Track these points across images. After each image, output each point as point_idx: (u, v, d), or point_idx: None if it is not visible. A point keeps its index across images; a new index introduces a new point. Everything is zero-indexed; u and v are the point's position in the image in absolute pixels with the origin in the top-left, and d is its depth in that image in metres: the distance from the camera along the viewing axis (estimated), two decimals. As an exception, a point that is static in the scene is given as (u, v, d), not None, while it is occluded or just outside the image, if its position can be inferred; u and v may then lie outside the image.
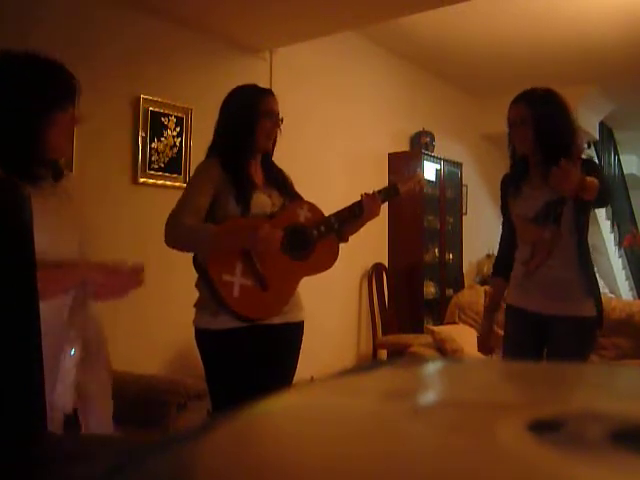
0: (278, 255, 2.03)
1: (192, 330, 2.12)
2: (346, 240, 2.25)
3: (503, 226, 2.37)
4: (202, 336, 2.08)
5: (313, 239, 2.11)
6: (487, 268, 5.77)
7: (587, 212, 2.14)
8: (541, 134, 2.11)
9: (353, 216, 2.19)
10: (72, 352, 1.40)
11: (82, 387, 1.43)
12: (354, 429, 0.28)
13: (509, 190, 2.27)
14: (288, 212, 2.12)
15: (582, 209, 2.09)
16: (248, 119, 2.07)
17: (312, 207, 2.16)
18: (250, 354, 2.05)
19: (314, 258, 2.12)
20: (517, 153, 2.24)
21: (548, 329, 2.14)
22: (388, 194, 2.29)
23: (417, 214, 5.18)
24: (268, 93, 2.16)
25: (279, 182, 2.18)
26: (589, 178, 1.91)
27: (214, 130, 2.17)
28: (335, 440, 0.27)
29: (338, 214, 2.17)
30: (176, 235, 1.96)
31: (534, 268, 2.13)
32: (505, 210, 2.30)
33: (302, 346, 2.21)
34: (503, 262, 2.32)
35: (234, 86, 2.22)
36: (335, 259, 2.17)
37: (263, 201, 2.09)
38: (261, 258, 1.99)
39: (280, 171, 2.23)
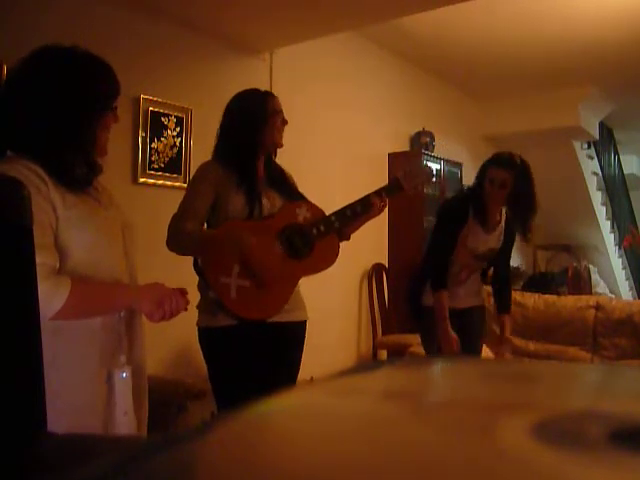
0: (276, 255, 2.03)
1: (193, 330, 2.12)
2: (348, 238, 2.24)
3: (447, 246, 2.72)
4: (204, 334, 2.09)
5: (312, 238, 2.11)
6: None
7: (499, 256, 2.83)
8: (513, 200, 2.61)
9: (355, 214, 2.18)
10: (124, 375, 1.37)
11: (137, 414, 1.41)
12: (354, 429, 0.28)
13: (465, 221, 2.69)
14: (286, 212, 2.12)
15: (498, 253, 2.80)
16: (261, 117, 2.10)
17: (312, 207, 2.16)
18: (251, 352, 2.06)
19: (313, 257, 2.11)
20: (481, 203, 2.67)
21: (459, 317, 2.76)
22: (391, 191, 2.27)
23: (417, 214, 5.18)
24: (272, 94, 2.20)
25: (279, 182, 2.19)
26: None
27: (219, 133, 2.17)
28: (335, 440, 0.27)
29: (339, 213, 2.17)
30: (175, 241, 2.00)
31: (465, 279, 2.77)
32: (455, 235, 2.70)
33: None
34: (445, 276, 2.71)
35: (234, 86, 2.22)
36: (335, 258, 2.17)
37: (263, 203, 2.10)
38: (258, 259, 2.00)
39: (281, 171, 2.24)
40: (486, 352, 3.67)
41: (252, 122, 2.10)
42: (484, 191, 2.61)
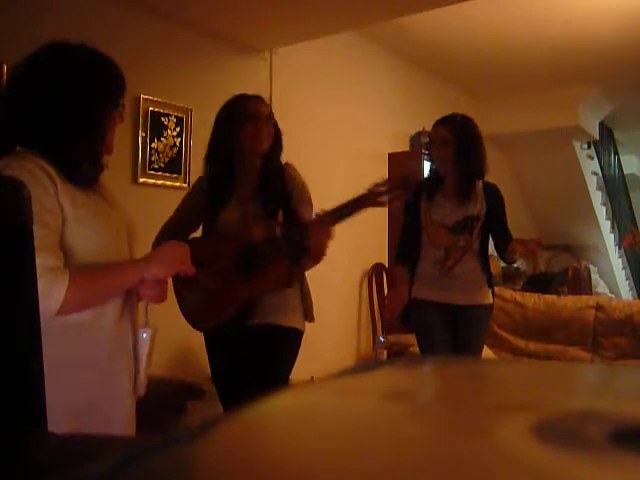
0: (229, 272, 1.99)
1: (193, 331, 2.15)
2: (315, 257, 2.02)
3: (407, 224, 2.72)
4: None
5: (263, 259, 1.96)
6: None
7: (492, 226, 2.61)
8: (460, 156, 2.51)
9: (296, 241, 1.94)
10: (145, 335, 1.45)
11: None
12: (354, 429, 0.28)
13: (422, 196, 2.63)
14: (242, 231, 2.01)
15: (489, 224, 2.58)
16: (231, 125, 2.02)
17: (270, 225, 1.97)
18: (225, 353, 2.11)
19: (262, 279, 1.97)
20: (434, 167, 2.64)
21: (457, 317, 2.58)
22: (345, 212, 1.94)
23: (417, 214, 5.17)
24: (252, 97, 2.09)
25: (271, 192, 2.05)
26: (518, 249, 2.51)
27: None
28: (335, 440, 0.27)
29: (288, 234, 1.96)
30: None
31: (450, 267, 2.53)
32: (413, 212, 2.66)
33: (302, 346, 2.20)
34: (406, 254, 2.69)
35: (234, 86, 2.22)
36: (286, 283, 2.00)
37: (229, 219, 2.03)
38: (213, 272, 2.00)
39: (276, 180, 2.07)
40: (487, 353, 3.63)
41: (226, 129, 2.03)
42: (433, 159, 2.66)
